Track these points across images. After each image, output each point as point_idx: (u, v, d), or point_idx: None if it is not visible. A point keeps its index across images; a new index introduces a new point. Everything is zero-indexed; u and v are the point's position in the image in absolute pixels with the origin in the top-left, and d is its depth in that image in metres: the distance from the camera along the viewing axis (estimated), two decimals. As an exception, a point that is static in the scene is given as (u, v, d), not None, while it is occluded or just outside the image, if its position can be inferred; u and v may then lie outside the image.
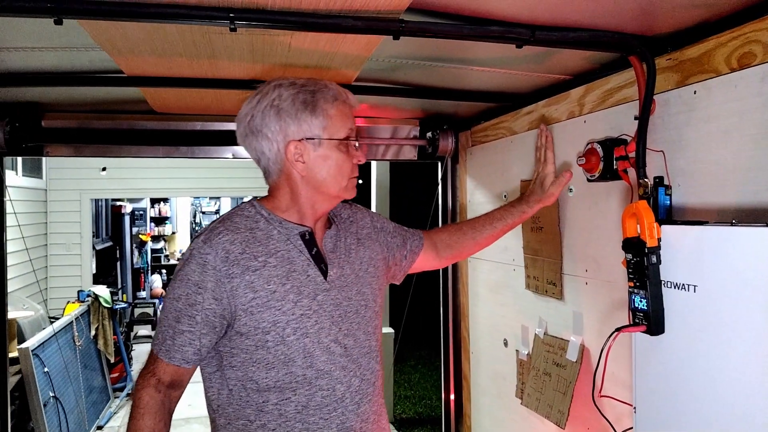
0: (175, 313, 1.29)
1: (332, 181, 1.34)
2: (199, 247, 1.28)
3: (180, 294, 1.28)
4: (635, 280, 1.29)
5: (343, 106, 1.34)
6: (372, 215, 1.60)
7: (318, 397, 1.30)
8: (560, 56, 1.61)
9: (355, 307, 1.39)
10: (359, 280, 1.42)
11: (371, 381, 1.39)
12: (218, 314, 1.27)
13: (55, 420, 4.13)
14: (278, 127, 1.30)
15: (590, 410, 1.53)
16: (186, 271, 1.28)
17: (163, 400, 1.30)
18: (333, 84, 1.35)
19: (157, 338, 1.32)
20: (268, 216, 1.35)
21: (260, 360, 1.28)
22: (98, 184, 7.10)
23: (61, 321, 4.74)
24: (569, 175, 1.63)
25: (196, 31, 1.35)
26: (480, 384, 2.64)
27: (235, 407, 1.32)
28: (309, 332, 1.29)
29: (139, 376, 1.33)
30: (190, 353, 1.29)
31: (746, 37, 1.18)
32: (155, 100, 2.10)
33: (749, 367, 1.06)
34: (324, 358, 1.31)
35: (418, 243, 1.66)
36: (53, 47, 1.55)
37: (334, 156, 1.32)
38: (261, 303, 1.27)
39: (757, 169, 1.16)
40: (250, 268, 1.27)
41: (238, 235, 1.29)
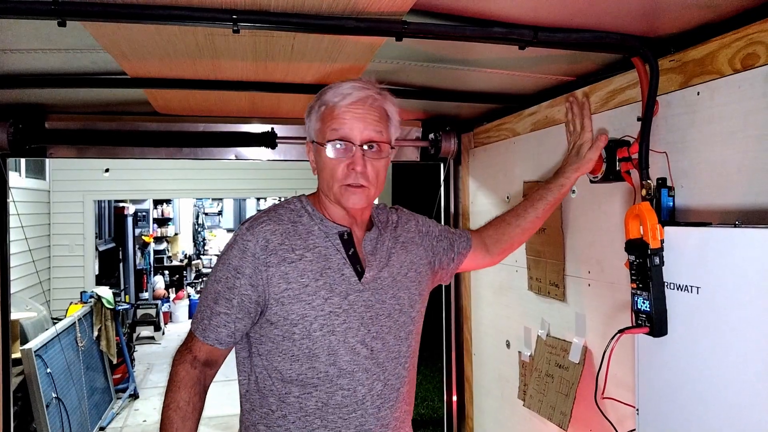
0: (214, 294, 1.33)
1: (325, 185, 1.35)
2: (242, 234, 1.32)
3: (220, 276, 1.32)
4: (638, 282, 1.29)
5: (336, 107, 1.31)
6: (418, 219, 1.61)
7: (338, 396, 1.32)
8: (563, 57, 1.61)
9: (388, 311, 1.38)
10: (396, 284, 1.42)
11: (395, 387, 1.38)
12: (253, 300, 1.30)
13: (58, 421, 4.13)
14: (306, 127, 1.41)
15: (593, 412, 1.53)
16: (228, 255, 1.32)
17: (199, 376, 1.34)
18: (338, 85, 1.33)
19: (196, 317, 1.37)
20: (311, 212, 1.38)
21: (286, 351, 1.31)
22: (101, 185, 7.11)
23: (63, 322, 4.75)
24: (605, 138, 1.55)
25: (200, 32, 1.36)
26: (482, 386, 2.63)
27: (260, 395, 1.35)
28: (336, 330, 1.31)
29: (177, 352, 1.37)
30: (224, 335, 1.32)
31: (750, 38, 1.18)
32: (158, 101, 2.10)
33: (753, 369, 1.05)
34: (348, 358, 1.31)
35: (465, 245, 1.64)
36: (57, 49, 1.56)
37: (323, 160, 1.33)
38: (292, 295, 1.29)
39: (760, 170, 1.16)
40: (287, 259, 1.30)
41: (280, 226, 1.33)
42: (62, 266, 6.99)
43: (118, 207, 9.11)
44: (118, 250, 8.95)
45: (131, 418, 5.39)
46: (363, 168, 1.31)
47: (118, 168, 7.02)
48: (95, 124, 2.37)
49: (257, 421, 1.36)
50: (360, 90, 1.32)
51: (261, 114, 2.39)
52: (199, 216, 13.38)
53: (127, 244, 9.28)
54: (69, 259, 7.02)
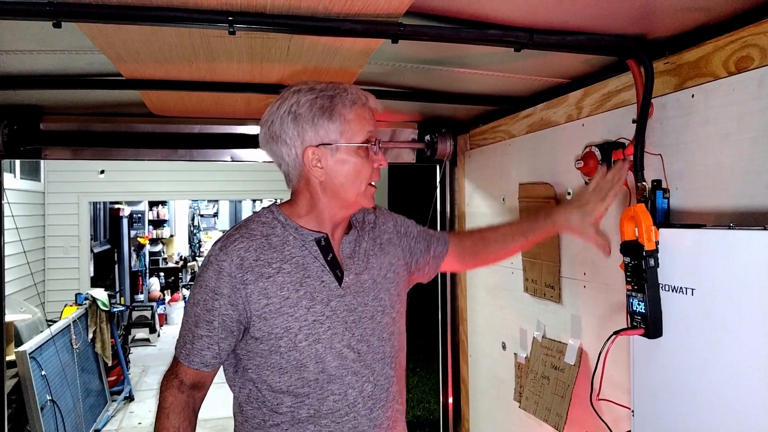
0: (194, 318, 1.32)
1: (350, 186, 1.33)
2: (216, 254, 1.30)
3: (198, 299, 1.31)
4: (633, 284, 1.29)
5: (362, 109, 1.33)
6: (396, 219, 1.59)
7: (330, 402, 1.32)
8: (559, 59, 1.61)
9: (371, 313, 1.38)
10: (377, 285, 1.41)
11: (385, 387, 1.39)
12: (235, 319, 1.29)
13: (52, 423, 4.12)
14: (296, 133, 1.30)
15: (588, 413, 1.53)
16: (204, 277, 1.31)
17: (187, 400, 1.34)
18: (354, 87, 1.34)
19: (179, 342, 1.36)
20: (284, 222, 1.36)
21: (274, 365, 1.31)
22: (96, 186, 7.09)
23: (58, 324, 4.73)
24: (608, 245, 1.42)
25: (195, 34, 1.36)
26: (478, 387, 2.63)
27: (252, 407, 1.35)
28: (321, 338, 1.30)
29: (164, 378, 1.36)
30: (209, 357, 1.32)
31: (744, 41, 1.18)
32: (154, 103, 2.10)
33: (747, 370, 1.06)
34: (336, 363, 1.32)
35: (442, 249, 1.63)
36: (52, 50, 1.55)
37: (352, 160, 1.31)
38: (274, 309, 1.28)
39: (755, 172, 1.17)
40: (264, 274, 1.28)
41: (253, 241, 1.31)
42: (57, 268, 6.96)
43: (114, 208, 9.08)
44: (113, 251, 8.92)
45: (126, 421, 5.37)
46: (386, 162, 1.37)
47: (114, 169, 7.00)
48: (90, 126, 2.36)
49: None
50: (368, 94, 1.36)
51: (257, 115, 2.36)
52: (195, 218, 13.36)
53: (123, 246, 9.26)
54: (64, 260, 6.99)
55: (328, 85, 1.33)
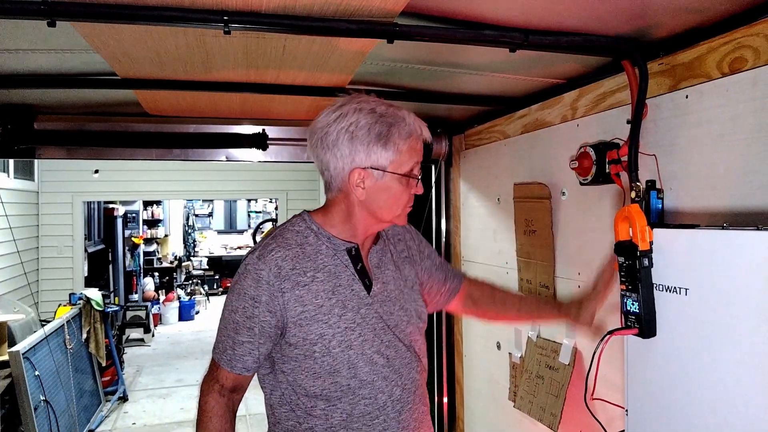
0: (233, 324, 1.35)
1: (388, 210, 1.37)
2: (254, 263, 1.34)
3: (237, 307, 1.34)
4: (627, 284, 1.30)
5: (415, 142, 1.36)
6: (421, 240, 1.65)
7: (361, 406, 1.36)
8: (554, 60, 1.62)
9: (396, 321, 1.43)
10: (402, 296, 1.47)
11: (411, 390, 1.44)
12: (273, 325, 1.34)
13: (46, 424, 4.09)
14: (348, 152, 1.32)
15: (583, 413, 1.54)
16: (242, 285, 1.34)
17: (228, 403, 1.39)
18: (412, 117, 1.36)
19: (218, 348, 1.40)
20: (317, 231, 1.39)
21: (308, 369, 1.35)
22: (91, 186, 7.06)
23: (52, 324, 4.70)
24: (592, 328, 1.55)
25: (191, 33, 1.35)
26: (473, 387, 2.64)
27: (286, 408, 1.39)
28: (353, 344, 1.35)
29: (204, 383, 1.40)
30: (250, 362, 1.36)
31: (737, 42, 1.19)
32: (149, 102, 2.09)
33: (741, 370, 1.06)
34: (367, 369, 1.36)
35: (456, 287, 1.69)
36: (46, 49, 1.55)
37: (394, 188, 1.35)
38: (309, 316, 1.33)
39: (748, 173, 1.17)
40: (300, 283, 1.33)
41: (290, 251, 1.35)
42: (51, 268, 6.93)
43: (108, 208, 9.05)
44: (107, 251, 8.88)
45: (120, 421, 5.35)
46: None
47: (108, 169, 6.97)
48: (85, 125, 2.35)
49: None
50: (423, 124, 1.38)
51: (252, 115, 2.38)
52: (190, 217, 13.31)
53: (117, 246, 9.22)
54: (58, 260, 6.96)
55: (388, 109, 1.34)
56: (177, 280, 11.30)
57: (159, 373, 6.80)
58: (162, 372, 6.81)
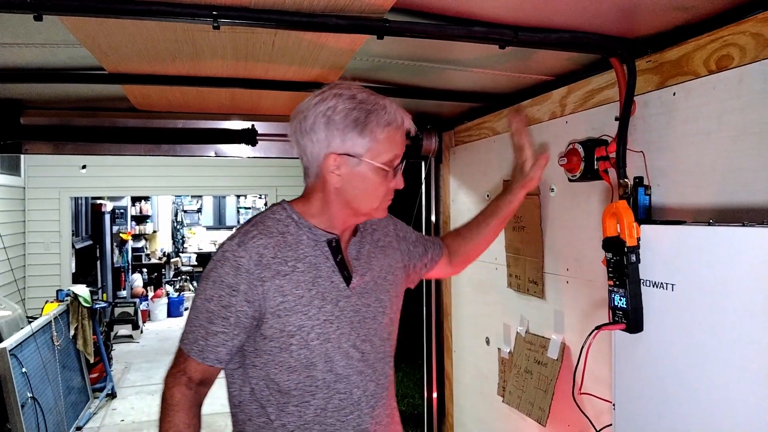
0: (207, 314, 1.30)
1: (364, 200, 1.34)
2: (234, 250, 1.29)
3: (212, 295, 1.29)
4: (615, 279, 1.31)
5: (395, 132, 1.32)
6: (396, 223, 1.62)
7: (336, 400, 1.34)
8: (543, 57, 1.63)
9: (373, 314, 1.40)
10: (378, 287, 1.44)
11: (385, 385, 1.42)
12: (250, 316, 1.29)
13: (33, 421, 4.06)
14: (324, 136, 1.29)
15: (571, 407, 1.55)
16: (219, 272, 1.29)
17: (194, 396, 1.33)
18: (393, 106, 1.32)
19: (188, 338, 1.33)
20: (298, 220, 1.36)
21: (282, 363, 1.31)
22: (78, 182, 6.99)
23: (39, 321, 4.66)
24: (546, 158, 1.62)
25: (179, 28, 1.34)
26: (462, 382, 2.65)
27: (257, 405, 1.35)
28: (331, 337, 1.32)
29: (169, 375, 1.34)
30: (223, 353, 1.31)
31: (724, 40, 1.20)
32: (137, 97, 2.08)
33: (727, 364, 1.07)
34: (343, 363, 1.34)
35: (438, 252, 1.68)
36: (33, 43, 1.53)
37: (370, 178, 1.31)
38: (288, 307, 1.29)
39: (734, 169, 1.19)
40: (281, 272, 1.29)
41: (271, 239, 1.31)
42: (38, 264, 6.86)
43: (96, 204, 8.97)
44: (95, 247, 8.81)
45: (108, 418, 5.32)
46: None
47: (96, 164, 6.90)
48: (72, 120, 2.33)
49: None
50: (406, 114, 1.34)
51: (241, 111, 2.37)
52: (178, 213, 13.23)
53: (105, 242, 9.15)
54: (45, 256, 6.89)
55: (369, 96, 1.31)
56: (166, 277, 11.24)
57: (147, 369, 6.76)
58: (150, 368, 6.77)
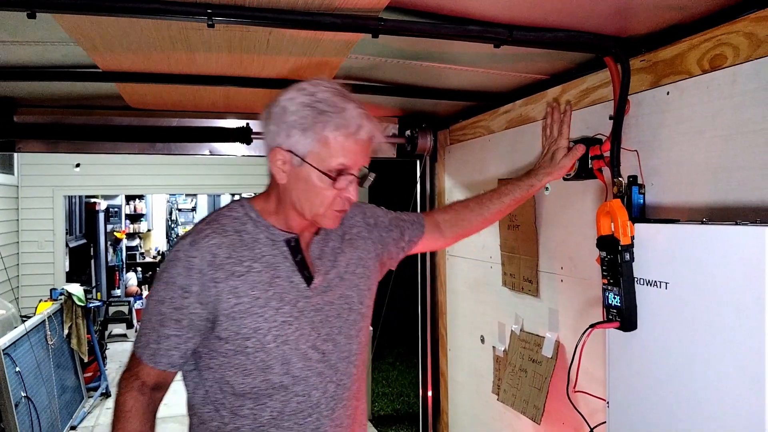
0: (159, 316, 1.25)
1: (306, 204, 1.27)
2: (186, 250, 1.24)
3: (164, 297, 1.25)
4: (609, 278, 1.32)
5: (347, 140, 1.22)
6: (365, 211, 1.54)
7: (293, 403, 1.29)
8: (538, 56, 1.63)
9: (337, 311, 1.35)
10: (344, 282, 1.38)
11: (347, 386, 1.37)
12: (203, 318, 1.25)
13: (27, 420, 4.05)
14: (275, 128, 1.24)
15: (565, 405, 1.55)
16: (171, 273, 1.24)
17: (148, 402, 1.28)
18: (355, 113, 1.22)
19: (140, 341, 1.28)
20: (256, 218, 1.31)
21: (238, 365, 1.26)
22: (72, 180, 6.96)
23: (33, 320, 4.65)
24: (582, 148, 1.56)
25: (174, 26, 1.34)
26: (457, 380, 2.66)
27: (210, 408, 1.30)
28: (289, 339, 1.27)
29: (122, 379, 1.29)
30: (176, 357, 1.27)
31: (718, 40, 1.20)
32: (131, 95, 2.07)
33: (719, 362, 1.08)
34: (301, 365, 1.29)
35: (418, 232, 1.60)
36: (26, 41, 1.52)
37: (313, 182, 1.24)
38: (243, 309, 1.24)
39: (727, 169, 1.19)
40: (235, 273, 1.24)
41: (225, 238, 1.26)
42: (31, 263, 6.83)
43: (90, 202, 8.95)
44: (89, 246, 8.79)
45: (103, 417, 5.31)
46: (355, 196, 1.29)
47: (90, 163, 6.87)
48: (66, 118, 2.32)
49: None
50: (368, 122, 1.24)
51: (236, 109, 2.37)
52: (173, 212, 13.20)
53: (99, 241, 9.13)
54: (38, 255, 6.87)
55: (333, 98, 1.22)
56: (160, 275, 11.20)
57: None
58: (145, 367, 6.76)
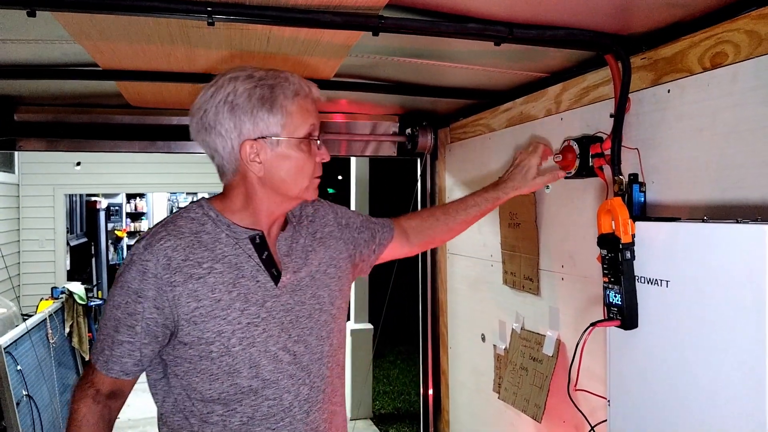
0: (113, 322, 1.21)
1: (292, 182, 1.25)
2: (140, 253, 1.20)
3: (119, 302, 1.21)
4: (610, 276, 1.31)
5: (304, 101, 1.23)
6: (337, 211, 1.51)
7: (264, 408, 1.25)
8: (538, 54, 1.63)
9: (308, 311, 1.32)
10: (315, 282, 1.35)
11: (321, 388, 1.33)
12: (160, 324, 1.20)
13: (29, 419, 4.06)
14: (232, 125, 1.20)
15: (566, 404, 1.55)
16: (126, 278, 1.20)
17: (102, 411, 1.24)
18: (295, 76, 1.24)
19: (96, 347, 1.24)
20: (216, 218, 1.26)
21: (204, 371, 1.22)
22: (72, 178, 6.98)
23: (34, 318, 4.66)
24: (562, 174, 1.58)
25: (174, 24, 1.34)
26: (458, 379, 2.66)
27: (179, 416, 1.27)
28: (256, 341, 1.23)
29: (76, 387, 1.26)
30: (130, 365, 1.22)
31: (718, 38, 1.20)
32: (131, 94, 2.07)
33: (720, 360, 1.08)
34: (271, 368, 1.25)
35: (388, 235, 1.59)
36: (26, 39, 1.52)
37: (294, 155, 1.23)
38: (205, 312, 1.20)
39: (728, 166, 1.19)
40: (194, 275, 1.20)
41: (182, 240, 1.22)
42: (32, 261, 6.85)
43: (90, 201, 8.96)
44: (90, 245, 8.81)
45: (104, 415, 5.32)
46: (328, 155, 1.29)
47: (90, 161, 6.89)
48: (66, 117, 2.32)
49: None
50: (307, 81, 1.26)
51: (236, 107, 2.36)
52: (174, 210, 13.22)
53: (100, 239, 9.15)
54: (39, 254, 6.88)
55: (267, 72, 1.23)
56: (161, 274, 11.22)
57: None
58: (146, 366, 6.77)
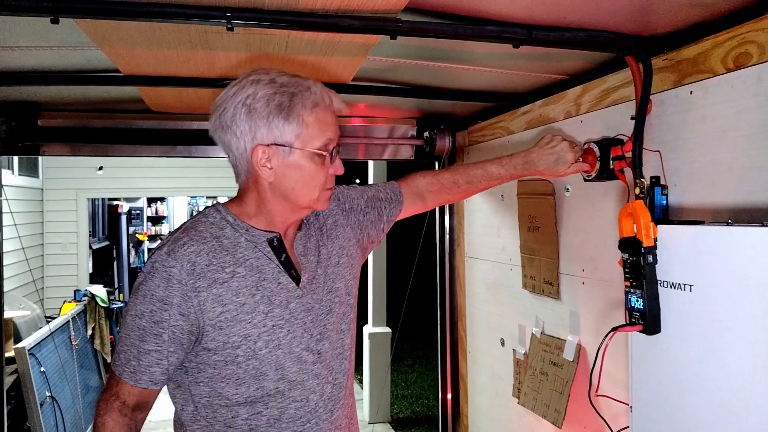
0: (138, 331, 1.20)
1: (302, 192, 1.24)
2: (163, 260, 1.19)
3: (143, 311, 1.19)
4: (632, 280, 1.30)
5: (324, 112, 1.23)
6: (339, 196, 1.49)
7: (291, 409, 1.25)
8: (557, 56, 1.61)
9: (328, 307, 1.33)
10: (331, 276, 1.35)
11: (342, 383, 1.34)
12: (186, 330, 1.19)
13: (52, 420, 4.12)
14: (247, 128, 1.20)
15: (587, 409, 1.54)
16: (149, 285, 1.19)
17: (129, 424, 1.23)
18: (318, 85, 1.24)
19: (119, 358, 1.23)
20: (234, 222, 1.27)
21: (230, 376, 1.22)
22: (95, 183, 7.09)
23: (57, 320, 4.73)
24: (586, 167, 1.55)
25: (193, 30, 1.35)
26: (477, 383, 2.64)
27: (202, 423, 1.26)
28: (281, 344, 1.24)
29: (101, 400, 1.24)
30: (158, 374, 1.21)
31: (742, 38, 1.18)
32: (152, 99, 2.09)
33: (745, 366, 1.06)
34: (296, 369, 1.25)
35: (395, 210, 1.58)
36: (50, 46, 1.55)
37: (306, 166, 1.22)
38: (230, 317, 1.20)
39: (752, 168, 1.17)
40: (218, 280, 1.20)
41: (204, 245, 1.21)
42: (55, 264, 6.97)
43: (112, 205, 9.09)
44: (112, 248, 8.93)
45: (125, 417, 5.37)
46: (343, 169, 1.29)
47: (112, 166, 7.00)
48: (88, 122, 2.36)
49: None
50: (330, 91, 1.26)
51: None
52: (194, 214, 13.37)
53: (121, 243, 9.27)
54: (62, 257, 7.00)
55: (291, 79, 1.22)
56: (181, 277, 11.33)
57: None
58: (166, 368, 6.82)
